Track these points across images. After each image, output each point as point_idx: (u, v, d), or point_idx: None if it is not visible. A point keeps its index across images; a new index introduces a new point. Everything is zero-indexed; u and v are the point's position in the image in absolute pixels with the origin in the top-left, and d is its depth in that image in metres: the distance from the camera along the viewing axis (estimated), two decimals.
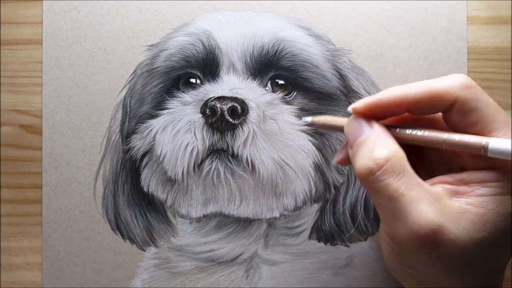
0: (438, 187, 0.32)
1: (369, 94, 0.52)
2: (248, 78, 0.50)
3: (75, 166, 0.53)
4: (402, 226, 0.30)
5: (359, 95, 0.52)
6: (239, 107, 0.46)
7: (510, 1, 0.55)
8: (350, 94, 0.51)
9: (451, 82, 0.32)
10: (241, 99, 0.47)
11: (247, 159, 0.46)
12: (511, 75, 0.55)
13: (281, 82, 0.50)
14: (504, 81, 0.55)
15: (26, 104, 0.54)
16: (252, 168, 0.46)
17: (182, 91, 0.50)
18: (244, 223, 0.52)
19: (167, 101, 0.50)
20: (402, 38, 0.54)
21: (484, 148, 0.29)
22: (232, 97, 0.47)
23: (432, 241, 0.30)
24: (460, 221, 0.30)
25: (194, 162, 0.47)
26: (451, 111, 0.32)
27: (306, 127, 0.49)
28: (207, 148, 0.47)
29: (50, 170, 0.53)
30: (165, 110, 0.49)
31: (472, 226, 0.30)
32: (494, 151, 0.29)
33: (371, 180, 0.31)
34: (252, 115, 0.47)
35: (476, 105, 0.31)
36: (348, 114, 0.36)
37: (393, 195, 0.30)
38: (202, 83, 0.50)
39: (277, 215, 0.49)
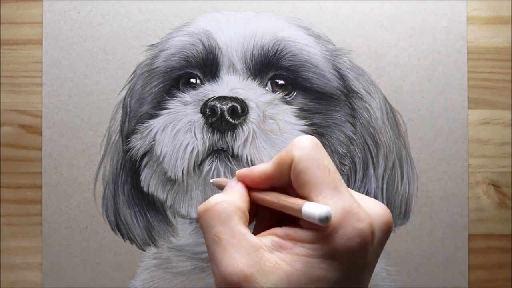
0: (267, 238, 0.32)
1: (369, 94, 0.52)
2: (248, 78, 0.50)
3: (75, 166, 0.53)
4: (216, 269, 0.32)
5: (359, 95, 0.52)
6: (239, 107, 0.46)
7: (510, 1, 0.55)
8: (350, 94, 0.51)
9: (292, 146, 0.33)
10: (241, 99, 0.47)
11: (247, 159, 0.46)
12: (511, 75, 0.55)
13: (281, 82, 0.50)
14: (504, 81, 0.55)
15: (26, 104, 0.54)
16: None
17: (182, 91, 0.50)
18: None
19: (167, 101, 0.50)
20: (402, 38, 0.54)
21: (300, 211, 0.31)
22: (232, 97, 0.47)
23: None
24: (270, 276, 0.31)
25: (194, 162, 0.47)
26: (290, 174, 0.33)
27: (306, 127, 0.49)
28: (207, 148, 0.47)
29: (50, 170, 0.53)
30: (165, 110, 0.49)
31: (279, 283, 0.30)
32: (306, 214, 0.30)
33: (201, 220, 0.33)
34: (252, 115, 0.47)
35: (307, 166, 0.32)
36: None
37: (214, 238, 0.32)
38: (202, 83, 0.50)
39: None
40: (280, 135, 0.47)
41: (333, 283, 0.31)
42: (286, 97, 0.50)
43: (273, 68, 0.50)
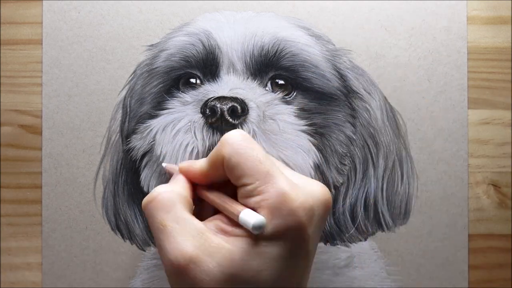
0: (211, 223, 0.35)
1: (369, 94, 0.52)
2: (248, 78, 0.50)
3: (75, 166, 0.53)
4: (164, 256, 0.33)
5: (359, 95, 0.52)
6: (239, 107, 0.46)
7: (510, 1, 0.55)
8: (350, 94, 0.51)
9: (221, 144, 0.36)
10: (241, 99, 0.47)
11: None
12: (511, 75, 0.55)
13: (281, 82, 0.50)
14: (504, 81, 0.55)
15: (26, 104, 0.54)
16: None
17: (182, 91, 0.50)
18: None
19: (167, 101, 0.50)
20: (402, 38, 0.54)
21: (237, 218, 0.33)
22: (232, 97, 0.47)
23: (185, 272, 0.32)
24: (215, 256, 0.32)
25: None
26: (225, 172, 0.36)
27: (306, 127, 0.49)
28: (207, 148, 0.47)
29: (50, 170, 0.53)
30: (165, 110, 0.49)
31: (224, 262, 0.32)
32: (243, 222, 0.33)
33: (146, 212, 0.35)
34: (252, 115, 0.47)
35: (237, 160, 0.34)
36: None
37: (159, 226, 0.34)
38: (202, 83, 0.50)
39: None
40: (280, 135, 0.47)
41: (276, 258, 0.33)
42: (286, 97, 0.50)
43: (273, 68, 0.50)
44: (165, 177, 0.49)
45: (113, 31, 0.53)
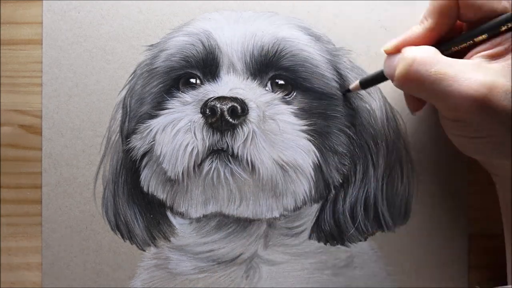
0: (475, 58, 0.35)
1: (369, 94, 0.52)
2: (248, 78, 0.50)
3: (75, 166, 0.53)
4: (455, 98, 0.33)
5: (359, 95, 0.52)
6: (239, 107, 0.46)
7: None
8: (350, 94, 0.51)
9: None
10: (241, 99, 0.47)
11: (247, 159, 0.46)
12: None
13: (281, 82, 0.50)
14: None
15: (26, 104, 0.54)
16: (252, 168, 0.46)
17: (182, 91, 0.50)
18: (244, 223, 0.52)
19: (167, 101, 0.50)
20: None
21: None
22: (232, 97, 0.47)
23: (488, 99, 0.33)
24: (507, 76, 0.33)
25: (194, 162, 0.47)
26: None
27: (306, 127, 0.49)
28: (207, 148, 0.47)
29: (50, 170, 0.53)
30: (165, 110, 0.49)
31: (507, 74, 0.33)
32: None
33: (412, 76, 0.35)
34: (252, 115, 0.47)
35: None
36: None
37: (436, 77, 0.34)
38: (202, 83, 0.50)
39: (277, 215, 0.49)
40: (280, 135, 0.47)
41: None
42: (286, 97, 0.50)
43: (273, 68, 0.50)
44: (165, 177, 0.49)
45: (113, 31, 0.53)
